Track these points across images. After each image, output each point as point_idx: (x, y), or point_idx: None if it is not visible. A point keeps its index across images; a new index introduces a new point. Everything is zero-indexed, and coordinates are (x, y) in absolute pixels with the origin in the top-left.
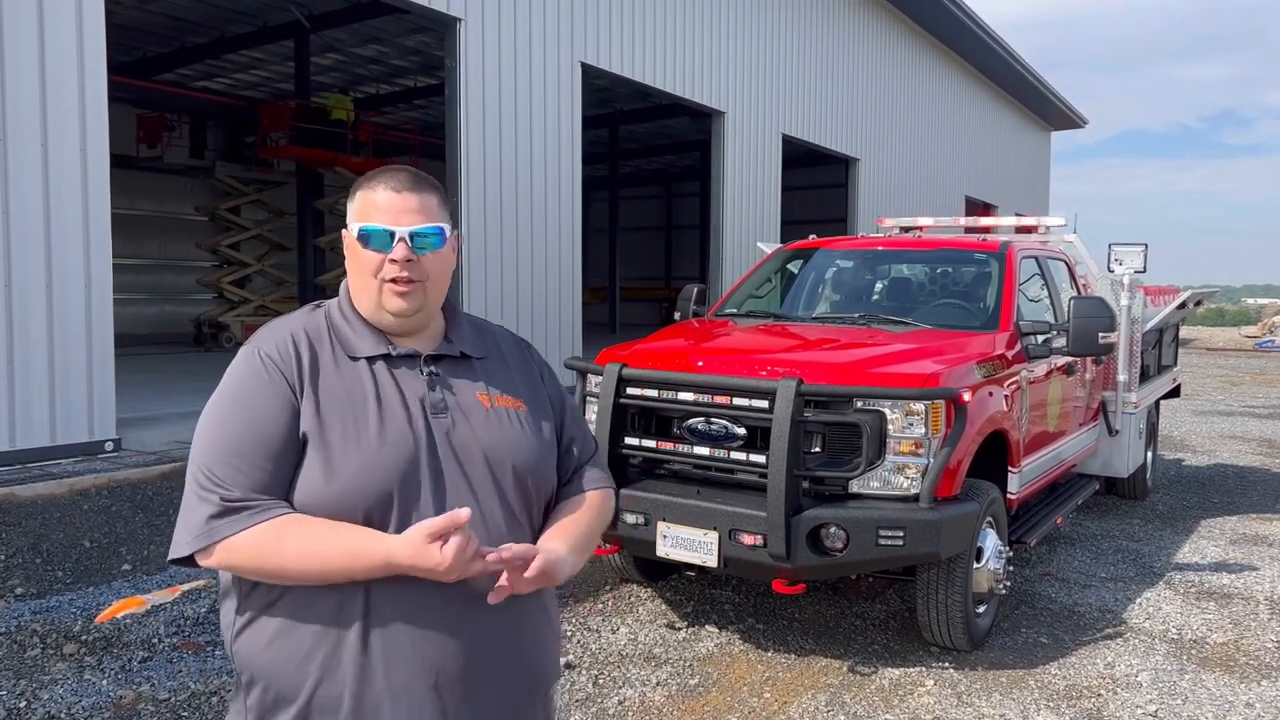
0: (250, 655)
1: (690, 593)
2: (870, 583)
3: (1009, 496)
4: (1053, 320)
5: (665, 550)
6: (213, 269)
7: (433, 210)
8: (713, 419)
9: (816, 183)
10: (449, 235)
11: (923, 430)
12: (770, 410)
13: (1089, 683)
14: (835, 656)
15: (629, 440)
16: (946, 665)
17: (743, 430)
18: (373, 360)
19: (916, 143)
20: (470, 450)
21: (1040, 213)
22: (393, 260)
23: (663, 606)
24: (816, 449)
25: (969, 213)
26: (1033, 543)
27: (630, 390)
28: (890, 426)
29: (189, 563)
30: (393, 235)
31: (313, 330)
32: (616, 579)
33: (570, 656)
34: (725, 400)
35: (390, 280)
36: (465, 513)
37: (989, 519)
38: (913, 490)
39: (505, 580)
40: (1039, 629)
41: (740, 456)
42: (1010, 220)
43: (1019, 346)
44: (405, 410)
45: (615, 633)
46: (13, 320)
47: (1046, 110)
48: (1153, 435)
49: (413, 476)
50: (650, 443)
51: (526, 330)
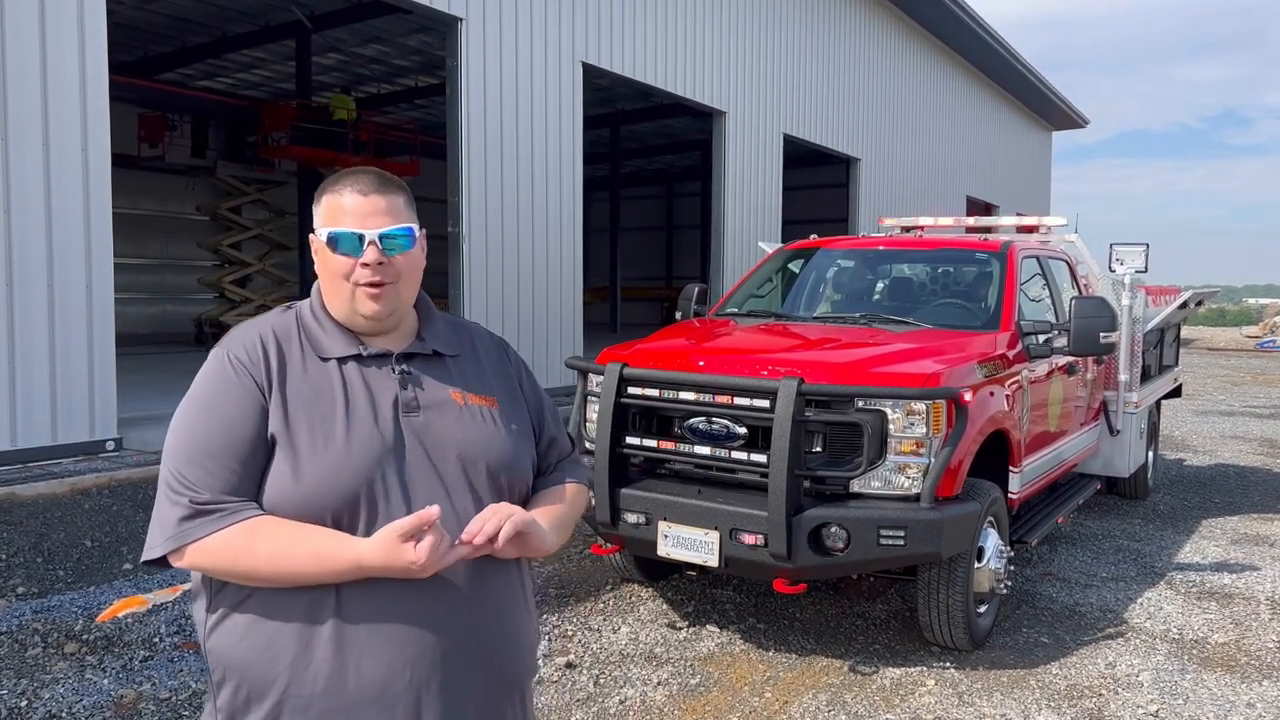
0: (222, 652)
1: (691, 592)
2: (871, 582)
3: (1010, 496)
4: (1054, 320)
5: (666, 550)
6: (214, 268)
7: (400, 211)
8: (714, 418)
9: (817, 183)
10: (418, 235)
11: (924, 430)
12: (771, 410)
13: (1090, 682)
14: (836, 656)
15: (630, 440)
16: (947, 665)
17: (744, 430)
18: (343, 361)
19: (917, 143)
20: (443, 448)
21: (1041, 213)
22: (364, 264)
23: (664, 606)
24: (817, 448)
25: (970, 213)
26: (1034, 542)
27: (631, 390)
28: (891, 426)
29: (162, 564)
30: (362, 239)
31: (283, 331)
32: (617, 578)
33: (571, 656)
34: (726, 400)
35: (363, 284)
36: (435, 510)
37: (990, 519)
38: (914, 490)
39: (481, 541)
40: (1040, 629)
41: (741, 456)
42: (1011, 220)
43: (1020, 346)
44: (374, 410)
45: (616, 632)
46: (14, 319)
47: (1047, 110)
48: (1154, 435)
49: (382, 477)
50: (651, 442)
51: (528, 329)
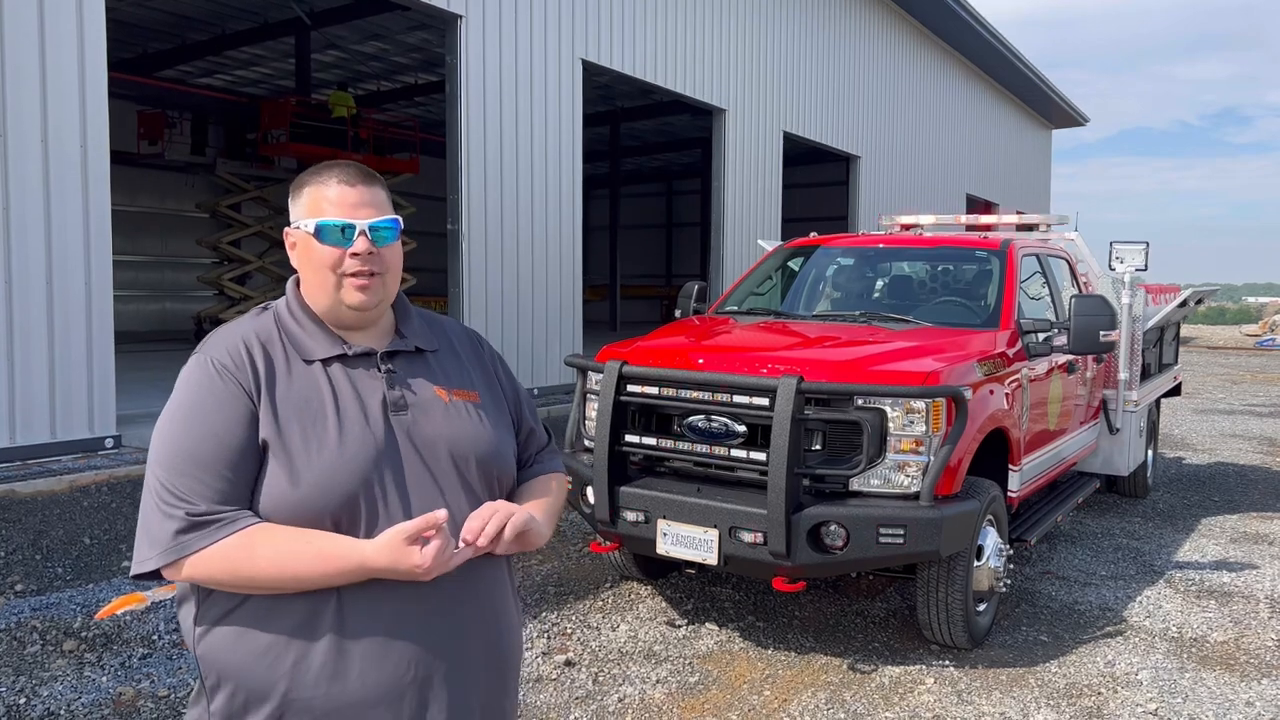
0: (218, 656)
1: (690, 590)
2: (870, 581)
3: (1009, 494)
4: (1054, 318)
5: (665, 548)
6: (213, 266)
7: (384, 203)
8: (713, 416)
9: (817, 180)
10: (400, 227)
11: (923, 428)
12: (771, 408)
13: (1089, 681)
14: (835, 654)
15: (629, 438)
16: (947, 663)
17: (743, 428)
18: (328, 362)
19: (917, 140)
20: (434, 446)
21: (1041, 211)
22: (354, 254)
23: (663, 604)
24: (817, 446)
25: (970, 211)
26: (1033, 541)
27: (631, 388)
28: (891, 424)
29: (153, 576)
30: (352, 229)
31: (264, 335)
32: (616, 576)
33: (570, 653)
34: (726, 398)
35: (351, 274)
36: (442, 514)
37: (989, 517)
38: (913, 488)
39: (481, 542)
40: (1039, 627)
41: (741, 454)
42: (1011, 218)
43: (1020, 344)
44: (364, 411)
45: (615, 630)
46: (13, 317)
47: (1048, 108)
48: (1153, 433)
49: (377, 477)
50: (650, 440)
51: (527, 327)
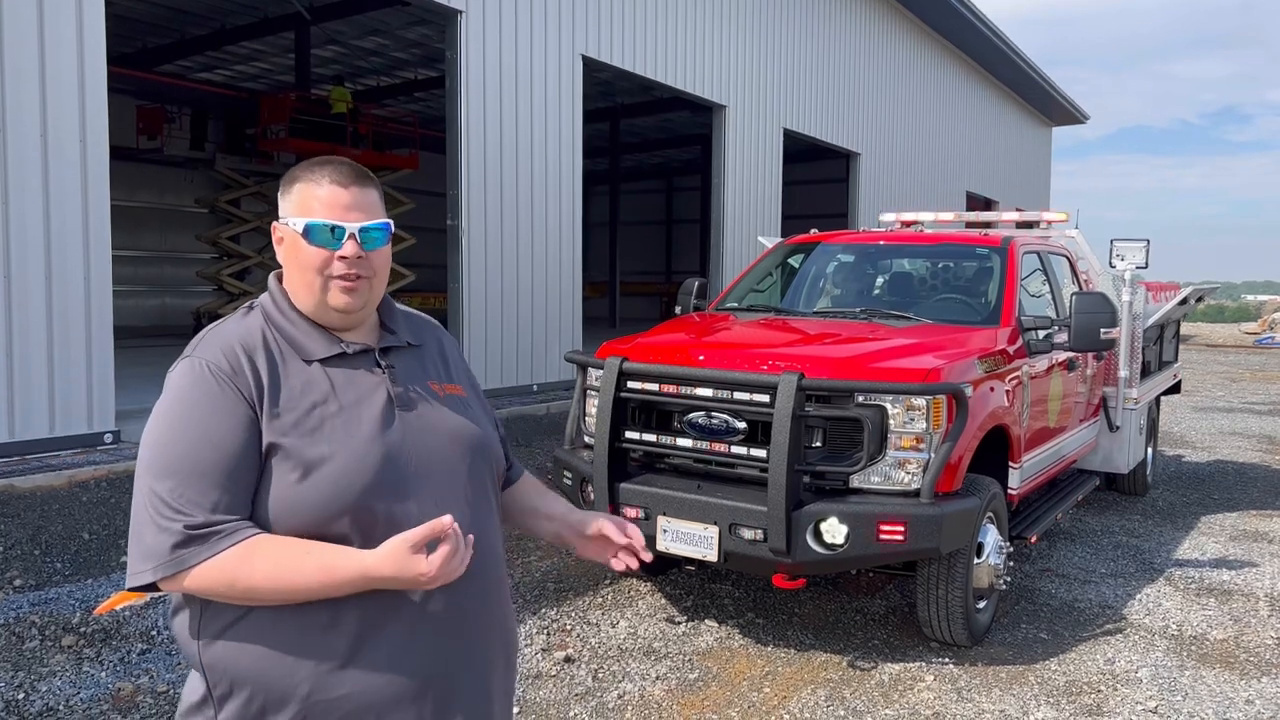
0: (231, 663)
1: (690, 587)
2: (870, 578)
3: (1010, 492)
4: (1054, 315)
5: (665, 545)
6: (212, 261)
7: (376, 206)
8: (713, 413)
9: (817, 177)
10: (391, 231)
11: (924, 425)
12: (771, 405)
13: (1089, 679)
14: (835, 651)
15: (629, 434)
16: (946, 661)
17: (743, 425)
18: (327, 361)
19: (917, 138)
20: (438, 440)
21: (1041, 208)
22: (342, 257)
23: (662, 601)
24: (817, 443)
25: (970, 208)
26: (1033, 538)
27: (631, 384)
28: (891, 421)
29: (148, 588)
30: (341, 231)
31: (257, 336)
32: (616, 573)
33: (570, 650)
34: (726, 394)
35: (338, 277)
36: (448, 520)
37: (989, 514)
38: (914, 485)
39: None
40: (1039, 625)
41: (741, 451)
42: (1012, 215)
43: (1020, 341)
44: (372, 409)
45: (615, 627)
46: (12, 312)
47: (1048, 105)
48: (1153, 431)
49: (392, 475)
50: (651, 437)
51: (527, 323)
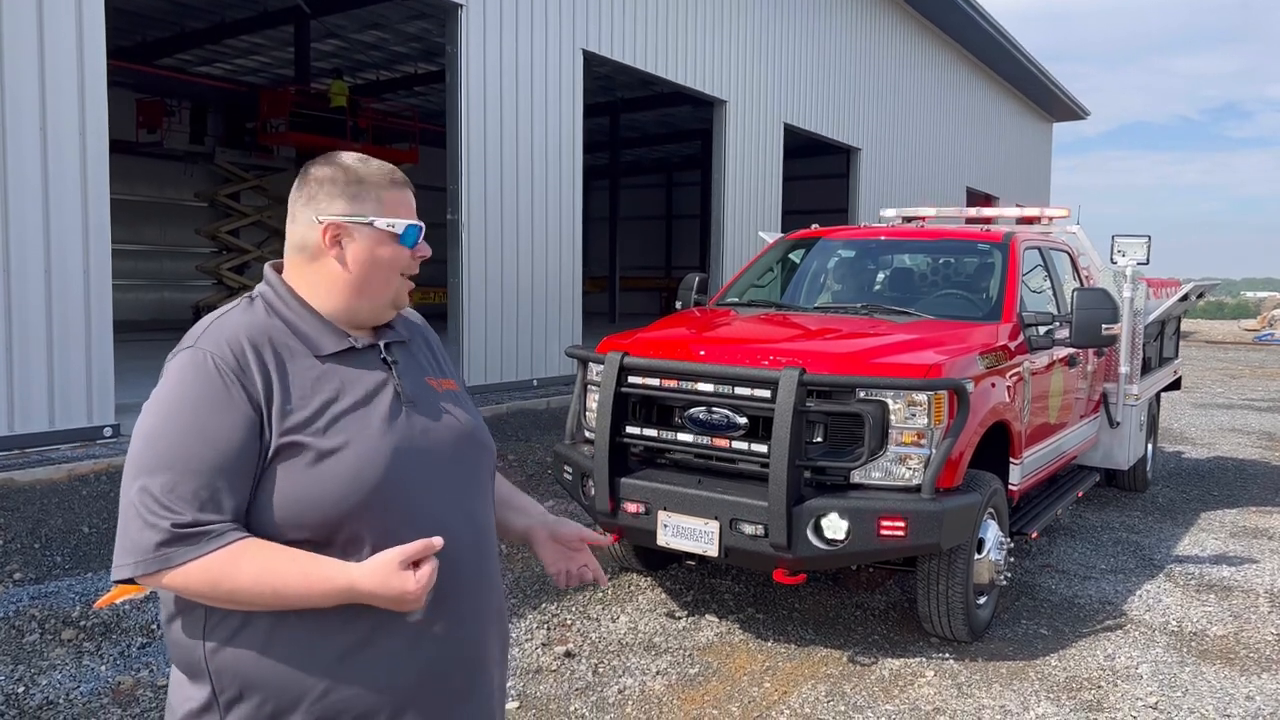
0: (243, 667)
1: (690, 582)
2: (870, 573)
3: (1010, 488)
4: (1055, 311)
5: (666, 539)
6: (212, 255)
7: None
8: (714, 408)
9: (818, 173)
10: None
11: (925, 421)
12: (772, 400)
13: (1089, 674)
14: (835, 647)
15: (630, 429)
16: (947, 656)
17: (744, 420)
18: (336, 356)
19: (918, 133)
20: (443, 435)
21: (1041, 204)
22: (421, 256)
23: (663, 595)
24: (818, 439)
25: (970, 204)
26: (1033, 534)
27: (631, 379)
28: (892, 417)
29: (131, 582)
30: (419, 231)
31: (265, 331)
32: (616, 568)
33: (570, 645)
34: (727, 389)
35: (406, 275)
36: (439, 541)
37: (990, 510)
38: (915, 481)
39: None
40: (1039, 620)
41: (742, 446)
42: (1013, 211)
43: (1022, 337)
44: (381, 404)
45: (615, 621)
46: (11, 305)
47: (1048, 101)
48: (1153, 427)
49: (404, 470)
50: (651, 432)
51: (527, 318)
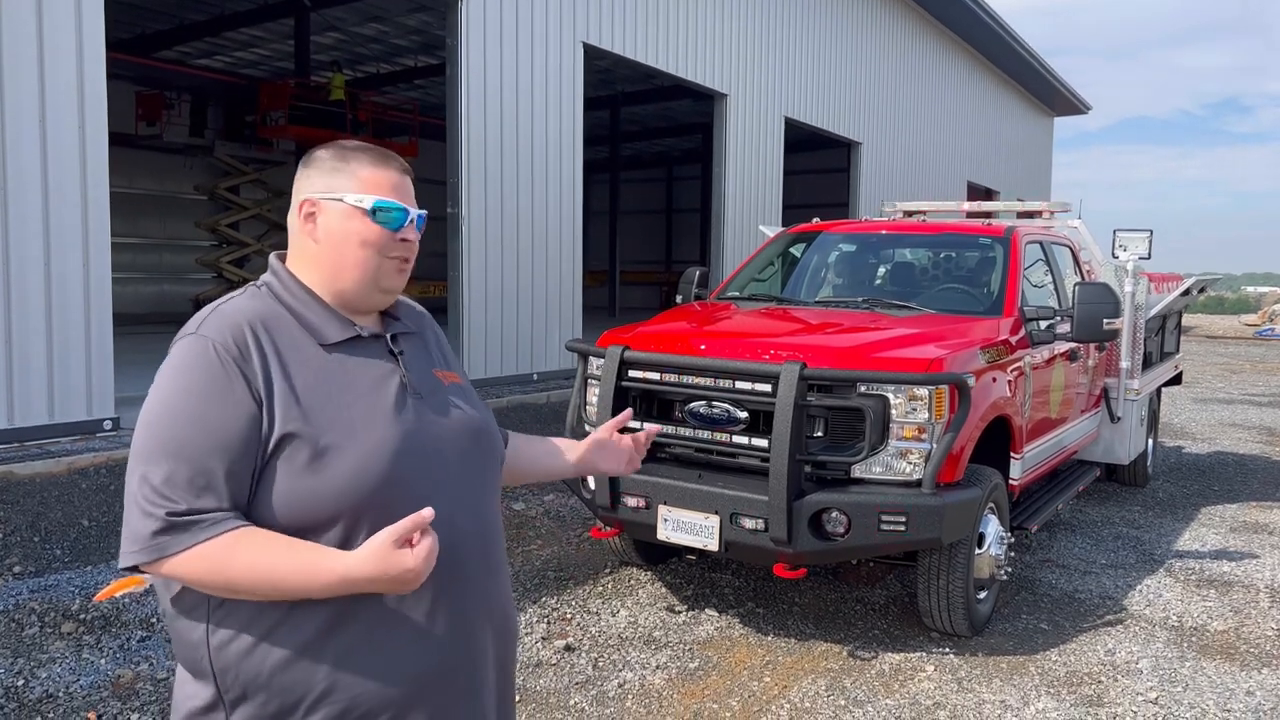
0: (247, 667)
1: (690, 576)
2: (871, 568)
3: (1011, 482)
4: (1057, 306)
5: (666, 534)
6: (212, 248)
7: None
8: (715, 402)
9: (818, 167)
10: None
11: (926, 415)
12: (773, 394)
13: (1089, 669)
14: (836, 641)
15: (631, 423)
16: (947, 651)
17: (745, 414)
18: (341, 345)
19: (919, 127)
20: (449, 428)
21: (1042, 199)
22: (405, 239)
23: (662, 590)
24: (819, 433)
25: (971, 198)
26: (1034, 529)
27: (632, 373)
28: (893, 411)
29: (136, 571)
30: (405, 214)
31: (269, 318)
32: (616, 562)
33: (570, 639)
34: (728, 384)
35: (395, 257)
36: (430, 512)
37: (991, 505)
38: (915, 475)
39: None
40: (1039, 615)
41: (742, 440)
42: (1015, 205)
43: (1023, 332)
44: (387, 394)
45: (615, 615)
46: (10, 299)
47: (1050, 96)
48: (1154, 422)
49: (410, 462)
50: (652, 426)
51: (527, 312)
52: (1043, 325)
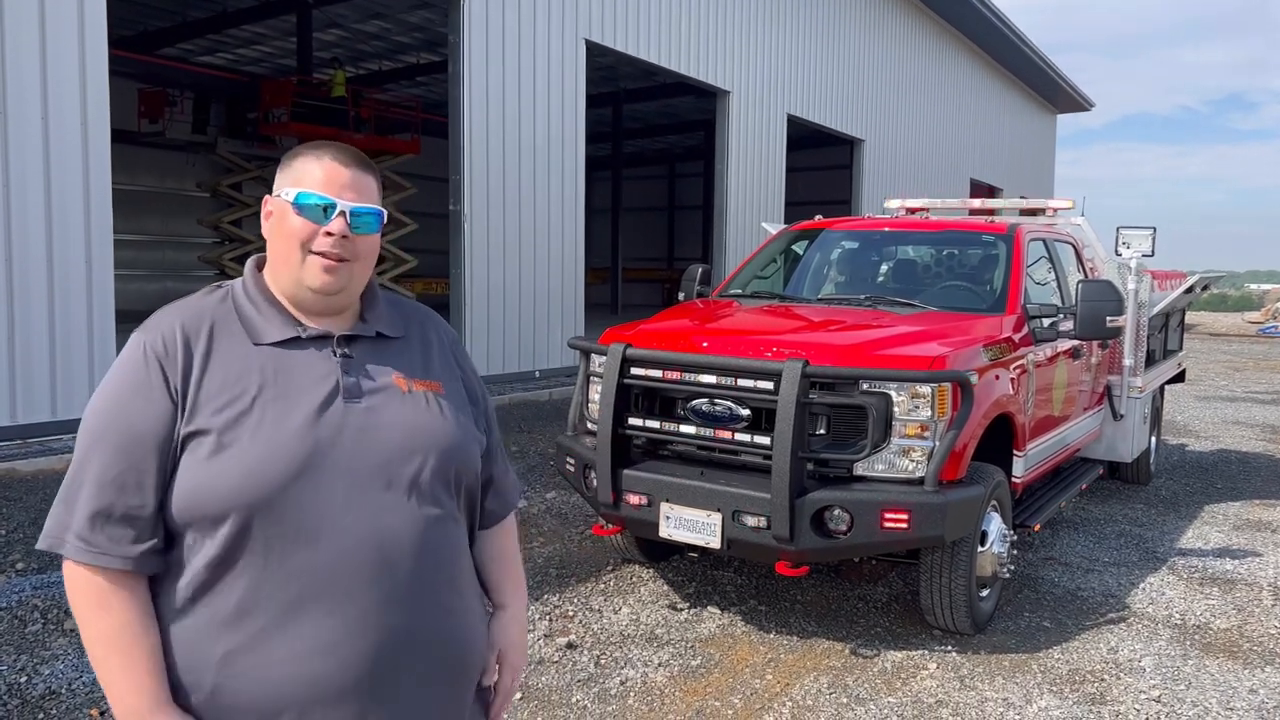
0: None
1: (692, 574)
2: (873, 565)
3: (1014, 480)
4: (1060, 303)
5: (668, 531)
6: (214, 245)
7: (373, 193)
8: (717, 400)
9: (821, 164)
10: (384, 221)
11: (929, 413)
12: (775, 392)
13: (1092, 667)
14: (838, 639)
15: (632, 421)
16: (949, 648)
17: (747, 411)
18: (279, 345)
19: (921, 124)
20: (387, 438)
21: (1044, 196)
22: (328, 233)
23: (665, 587)
24: (821, 431)
25: (974, 195)
26: (1037, 527)
27: (634, 370)
28: (896, 409)
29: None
30: (332, 208)
31: (209, 316)
32: (618, 559)
33: (572, 636)
34: (730, 381)
35: (319, 253)
36: None
37: (993, 502)
38: (918, 473)
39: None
40: (1042, 613)
41: (745, 438)
42: (1018, 202)
43: (1026, 329)
44: (311, 397)
45: (617, 613)
46: (14, 296)
47: (1052, 93)
48: (1157, 420)
49: (315, 468)
50: (654, 423)
51: (529, 309)
52: (1045, 323)
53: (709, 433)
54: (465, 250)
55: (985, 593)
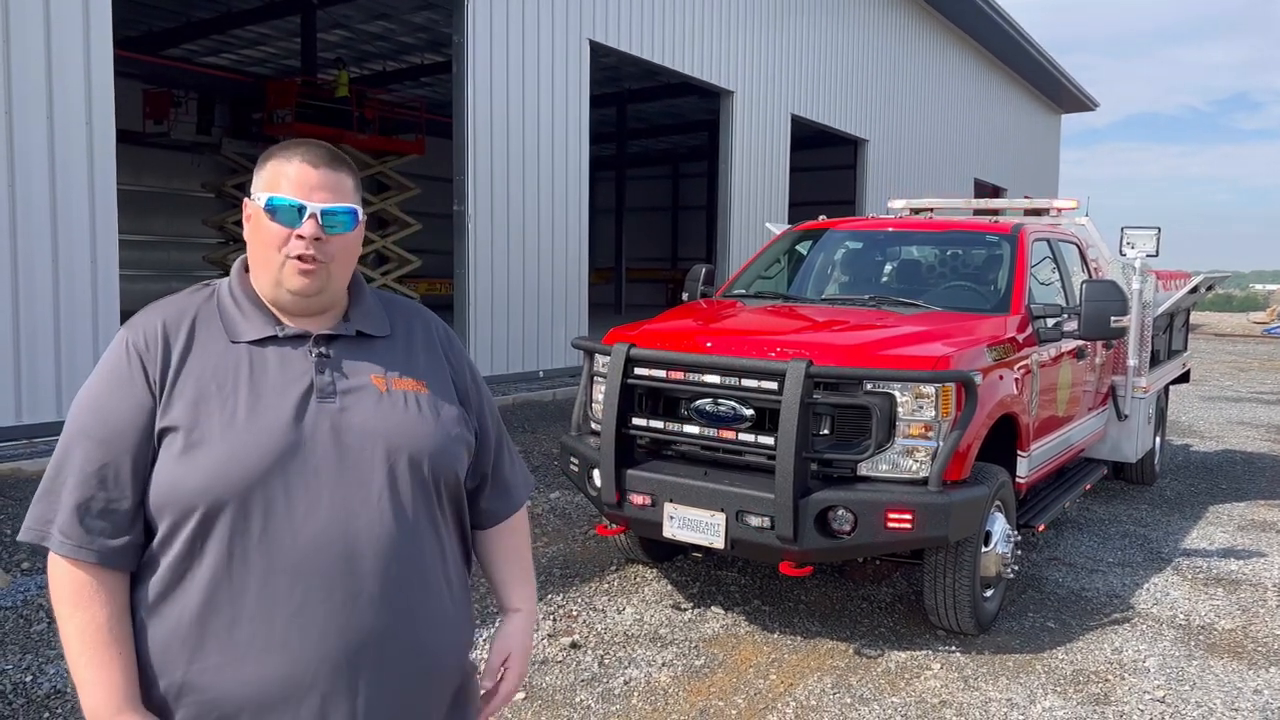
0: (140, 644)
1: (696, 574)
2: (877, 565)
3: (1018, 480)
4: (1064, 303)
5: (672, 531)
6: (219, 246)
7: (347, 190)
8: (721, 400)
9: (825, 164)
10: (361, 218)
11: (933, 413)
12: (779, 392)
13: (1096, 668)
14: (841, 639)
15: (636, 421)
16: (953, 649)
17: (751, 411)
18: (256, 343)
19: (925, 124)
20: (361, 438)
21: (1049, 196)
22: (300, 236)
23: (668, 587)
24: (825, 431)
25: (978, 195)
26: (1041, 527)
27: (638, 370)
28: (900, 409)
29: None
30: (303, 210)
31: (192, 314)
32: (622, 559)
33: (576, 636)
34: (734, 381)
35: (295, 257)
36: None
37: (997, 503)
38: (922, 473)
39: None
40: (1046, 613)
41: (748, 438)
42: (1022, 202)
43: (1030, 329)
44: (284, 396)
45: (621, 613)
46: (19, 296)
47: (1057, 92)
48: (1161, 420)
49: (285, 467)
50: (658, 423)
51: (533, 309)
52: (1050, 323)
53: (713, 433)
54: (469, 250)
55: (989, 593)
